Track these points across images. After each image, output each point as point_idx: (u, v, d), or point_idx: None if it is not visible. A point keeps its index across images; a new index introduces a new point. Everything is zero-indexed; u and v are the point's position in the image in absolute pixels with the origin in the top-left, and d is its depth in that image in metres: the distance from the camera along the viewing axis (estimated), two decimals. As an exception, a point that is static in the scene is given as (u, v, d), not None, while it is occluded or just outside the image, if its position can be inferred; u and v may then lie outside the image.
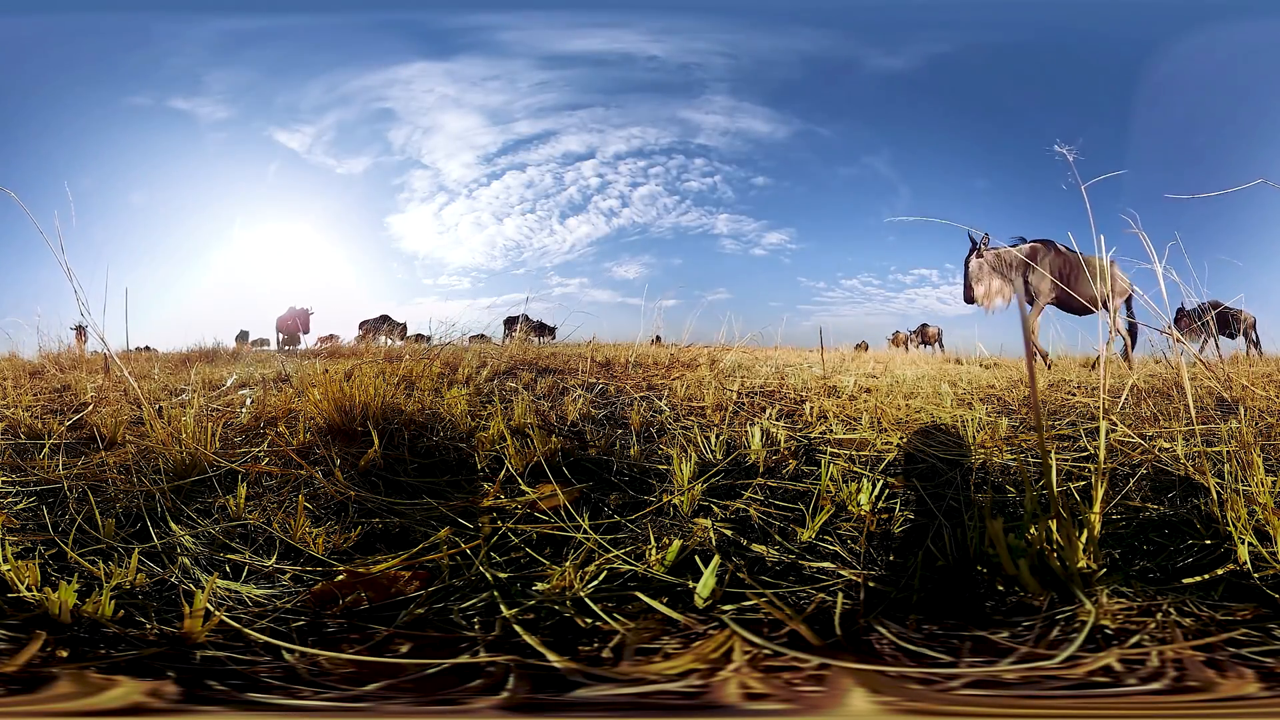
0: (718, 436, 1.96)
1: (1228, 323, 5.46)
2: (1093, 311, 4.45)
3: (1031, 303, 4.49)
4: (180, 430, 1.81)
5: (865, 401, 2.63)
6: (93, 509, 1.47)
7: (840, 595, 1.11)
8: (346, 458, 1.81)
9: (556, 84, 5.97)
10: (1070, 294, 4.41)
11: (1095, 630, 0.96)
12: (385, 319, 6.84)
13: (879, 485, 1.55)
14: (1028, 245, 4.54)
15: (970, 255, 4.53)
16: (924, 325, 6.67)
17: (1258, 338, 5.36)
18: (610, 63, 5.74)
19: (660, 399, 2.59)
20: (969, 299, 4.49)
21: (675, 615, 1.05)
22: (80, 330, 5.76)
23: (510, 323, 6.61)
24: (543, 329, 6.85)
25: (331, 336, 6.58)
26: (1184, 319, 4.84)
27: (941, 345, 6.38)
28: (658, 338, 5.41)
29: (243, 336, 7.13)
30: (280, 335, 7.42)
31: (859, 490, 1.48)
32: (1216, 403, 2.38)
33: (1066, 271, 4.50)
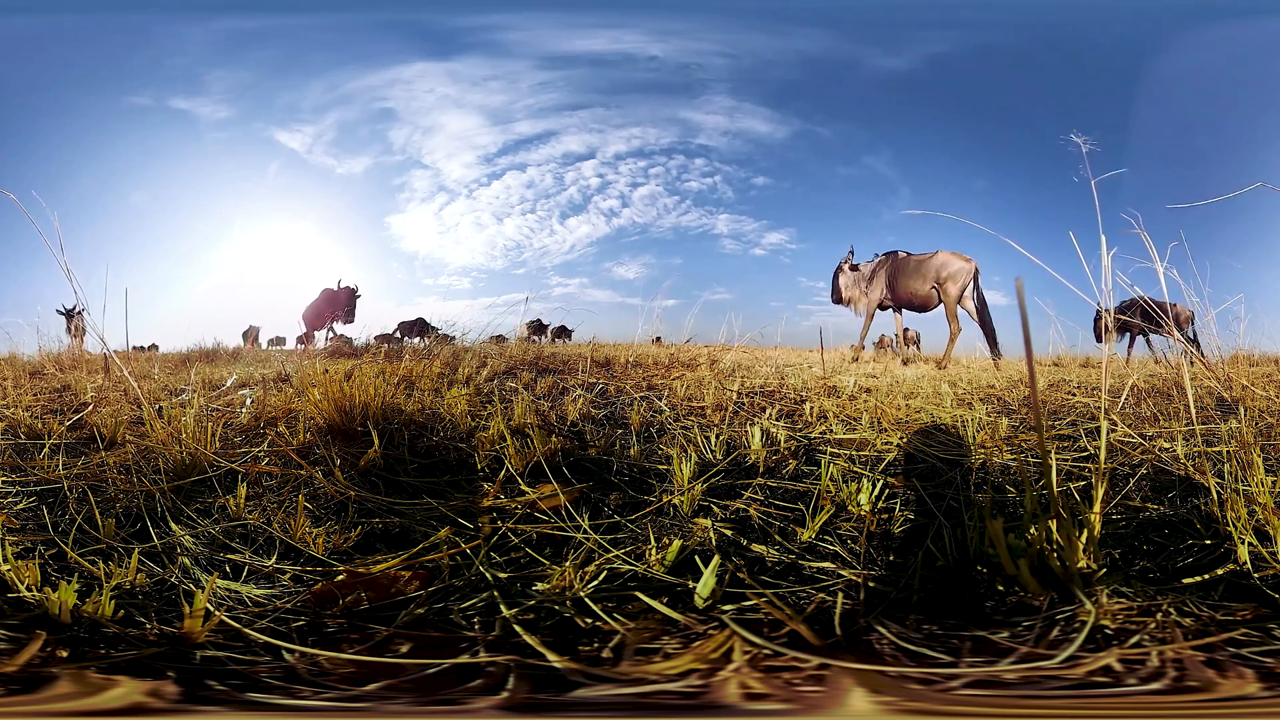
0: (718, 436, 1.96)
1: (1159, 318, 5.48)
2: (929, 306, 5.00)
3: (885, 308, 5.31)
4: (180, 430, 1.81)
5: (865, 401, 2.63)
6: (93, 509, 1.47)
7: (840, 595, 1.11)
8: (346, 458, 1.81)
9: (557, 84, 5.97)
10: (895, 293, 5.12)
11: (1095, 630, 0.96)
12: (422, 321, 6.71)
13: (879, 485, 1.55)
14: (876, 259, 5.33)
15: (839, 268, 5.48)
16: (905, 330, 6.84)
17: (1195, 334, 5.34)
18: (611, 63, 5.74)
19: (660, 399, 2.59)
20: (835, 300, 5.42)
21: (675, 615, 1.05)
22: (71, 315, 5.55)
23: (534, 327, 6.65)
24: (562, 332, 6.89)
25: (338, 336, 6.52)
26: (1101, 318, 5.19)
27: (919, 347, 6.50)
28: (658, 338, 5.42)
29: (252, 334, 6.95)
30: (305, 329, 6.82)
31: (859, 490, 1.48)
32: (1216, 403, 2.38)
33: (893, 275, 5.15)
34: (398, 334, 6.57)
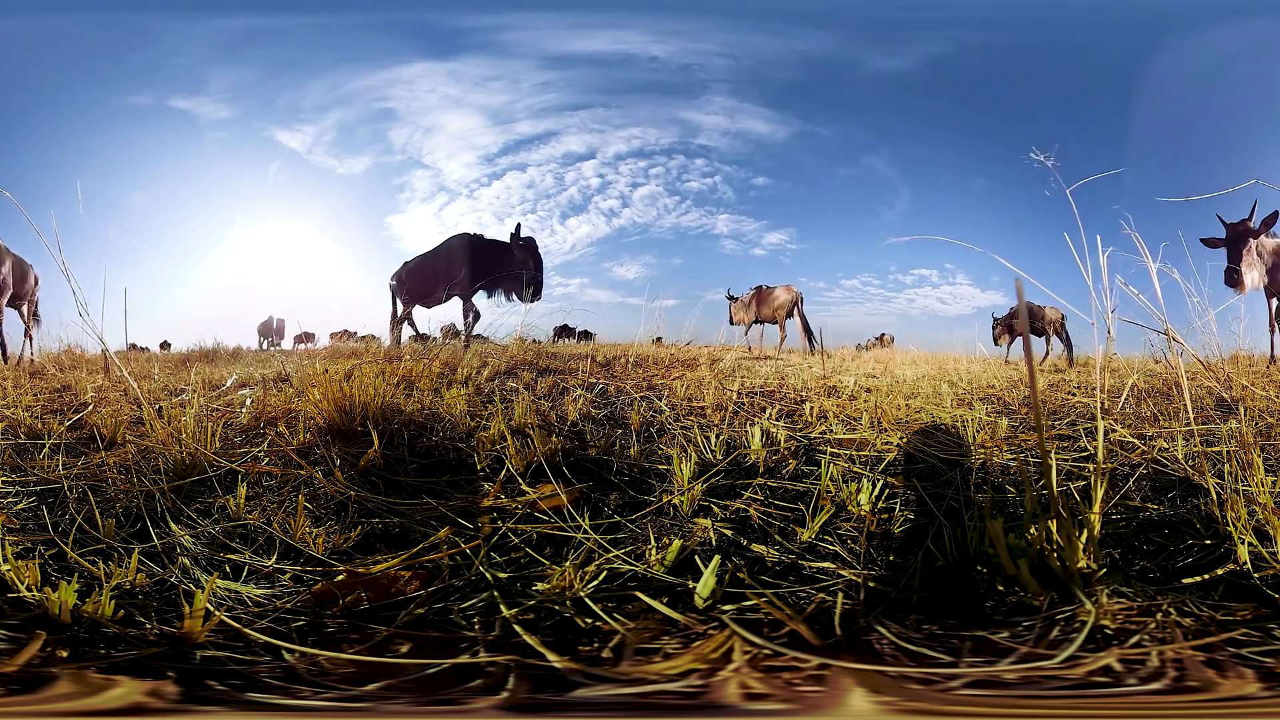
0: (718, 436, 1.96)
1: (1035, 321, 6.17)
2: (776, 321, 6.82)
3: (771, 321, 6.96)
4: (180, 430, 1.81)
5: (865, 401, 2.63)
6: (93, 509, 1.47)
7: (840, 595, 1.11)
8: (346, 458, 1.81)
9: (558, 84, 5.96)
10: (759, 314, 6.90)
11: (1095, 630, 0.96)
12: (453, 326, 6.41)
13: (879, 485, 1.55)
14: (750, 292, 7.01)
15: (729, 300, 7.12)
16: (882, 334, 7.35)
17: (1067, 336, 5.99)
18: (612, 63, 5.74)
19: (660, 399, 2.59)
20: (732, 322, 7.12)
21: (675, 615, 1.05)
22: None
23: (560, 330, 6.62)
24: (585, 334, 6.93)
25: (306, 336, 6.40)
26: (997, 325, 6.32)
27: (893, 346, 6.85)
28: (658, 338, 5.42)
29: (272, 329, 6.65)
30: (401, 297, 4.83)
31: (859, 490, 1.48)
32: (1216, 403, 2.38)
33: (758, 302, 7.02)
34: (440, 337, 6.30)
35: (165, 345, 5.95)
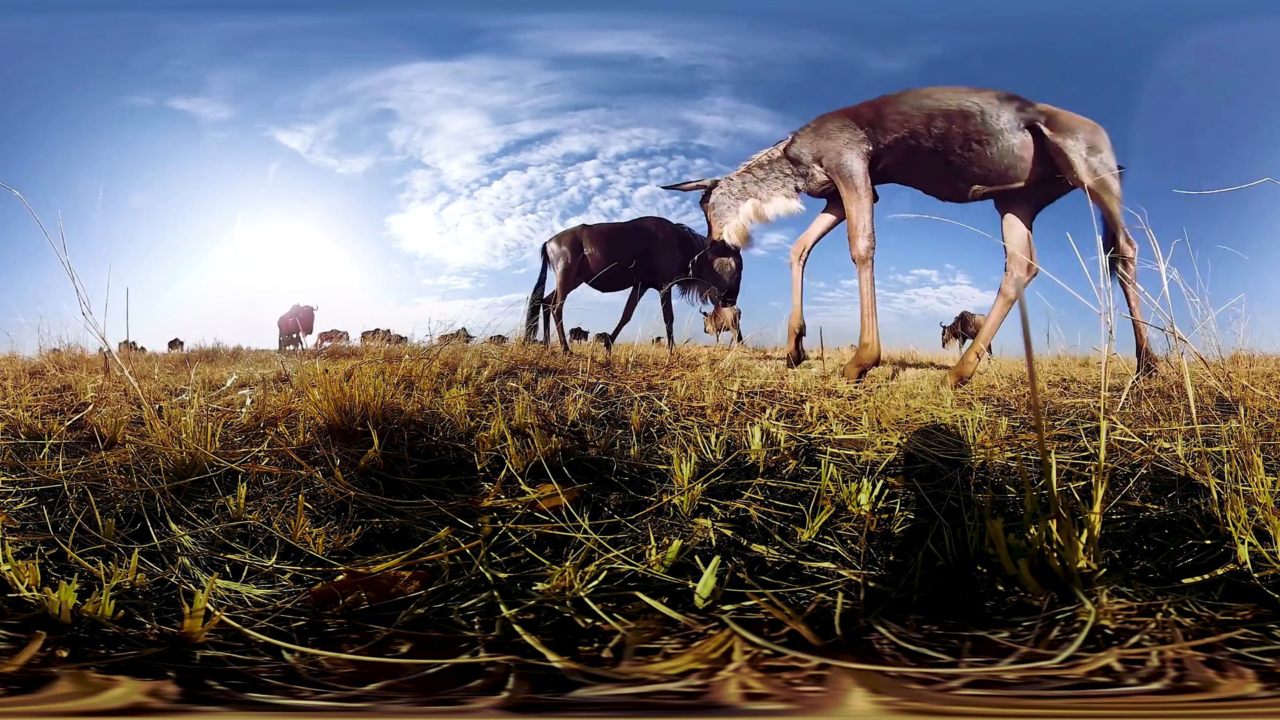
0: (718, 436, 1.96)
1: (968, 326, 6.59)
2: (727, 329, 6.88)
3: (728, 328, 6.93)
4: (180, 430, 1.81)
5: (865, 401, 2.63)
6: (93, 509, 1.47)
7: (840, 595, 1.11)
8: (346, 458, 1.81)
9: (562, 84, 5.97)
10: (716, 323, 6.77)
11: (1095, 630, 0.96)
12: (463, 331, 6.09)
13: (879, 485, 1.55)
14: (716, 307, 7.01)
15: (704, 314, 7.01)
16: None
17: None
18: (618, 64, 5.75)
19: (660, 399, 2.59)
20: (706, 331, 7.17)
21: (675, 615, 1.05)
22: None
23: (574, 333, 6.61)
24: (602, 336, 6.96)
25: (335, 334, 6.42)
26: (945, 330, 6.66)
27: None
28: (659, 338, 5.42)
29: (286, 324, 6.54)
30: (571, 268, 3.68)
31: (859, 490, 1.48)
32: (1216, 403, 2.38)
33: (715, 315, 7.15)
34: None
35: (177, 344, 5.96)
